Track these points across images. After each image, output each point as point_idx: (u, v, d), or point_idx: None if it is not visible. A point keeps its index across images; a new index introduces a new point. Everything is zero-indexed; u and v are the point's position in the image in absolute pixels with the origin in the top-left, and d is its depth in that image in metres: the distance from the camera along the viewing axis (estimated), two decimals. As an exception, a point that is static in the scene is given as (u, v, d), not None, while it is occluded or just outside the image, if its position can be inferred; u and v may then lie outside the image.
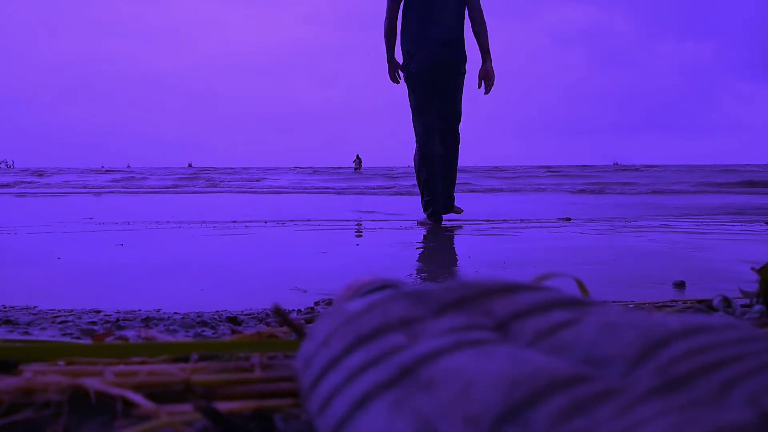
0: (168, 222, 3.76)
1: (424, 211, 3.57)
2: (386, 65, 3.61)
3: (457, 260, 2.36)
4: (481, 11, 3.49)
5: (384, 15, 3.46)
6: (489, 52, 3.53)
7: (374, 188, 10.96)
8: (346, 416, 0.36)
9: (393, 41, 3.53)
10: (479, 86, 3.60)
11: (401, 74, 3.59)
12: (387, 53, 3.55)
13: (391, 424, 0.33)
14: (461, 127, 3.64)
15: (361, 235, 3.36)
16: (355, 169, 26.19)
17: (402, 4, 3.46)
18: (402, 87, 3.63)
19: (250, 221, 3.84)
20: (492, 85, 3.56)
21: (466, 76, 3.58)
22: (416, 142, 3.52)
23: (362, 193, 9.40)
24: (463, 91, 3.58)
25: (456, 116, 3.58)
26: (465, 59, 3.55)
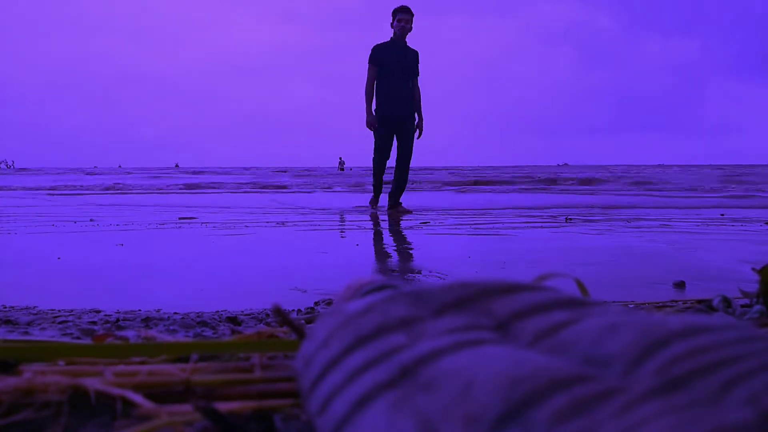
0: None
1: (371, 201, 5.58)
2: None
3: (456, 260, 2.36)
4: (418, 89, 5.39)
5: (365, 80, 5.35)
6: (421, 113, 5.41)
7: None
8: (346, 416, 0.36)
9: (371, 100, 5.33)
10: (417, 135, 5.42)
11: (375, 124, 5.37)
12: (366, 107, 5.31)
13: (392, 425, 0.33)
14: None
15: (344, 236, 3.36)
16: (340, 170, 26.17)
17: (376, 80, 5.35)
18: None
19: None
20: (422, 133, 5.44)
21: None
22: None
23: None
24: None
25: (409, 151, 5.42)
26: (412, 114, 5.38)
